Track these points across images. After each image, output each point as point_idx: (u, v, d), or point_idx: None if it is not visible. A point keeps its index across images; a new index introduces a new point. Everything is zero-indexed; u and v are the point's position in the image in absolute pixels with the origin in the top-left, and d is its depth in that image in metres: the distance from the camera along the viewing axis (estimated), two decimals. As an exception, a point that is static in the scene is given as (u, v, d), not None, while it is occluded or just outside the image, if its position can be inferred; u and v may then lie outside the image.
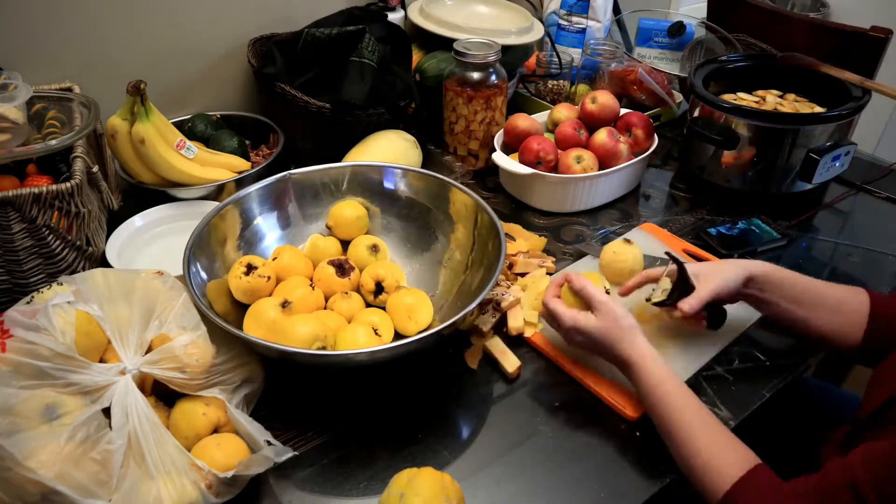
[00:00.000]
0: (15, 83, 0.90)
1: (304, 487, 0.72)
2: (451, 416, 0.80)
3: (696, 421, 0.69)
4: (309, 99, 1.11)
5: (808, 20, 1.38)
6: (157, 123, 1.01)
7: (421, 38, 1.34)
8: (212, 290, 0.84)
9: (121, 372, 0.67)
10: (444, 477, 0.65)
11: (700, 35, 1.48)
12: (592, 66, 1.41)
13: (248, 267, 0.85)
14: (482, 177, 1.25)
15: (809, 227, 1.14)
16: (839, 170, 1.15)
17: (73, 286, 0.71)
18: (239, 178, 1.08)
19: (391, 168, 1.01)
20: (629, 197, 1.21)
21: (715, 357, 0.87)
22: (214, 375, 0.73)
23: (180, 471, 0.64)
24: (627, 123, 1.21)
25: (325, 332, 0.77)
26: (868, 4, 2.13)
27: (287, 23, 1.28)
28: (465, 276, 0.92)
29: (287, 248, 0.93)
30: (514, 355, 0.85)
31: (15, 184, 0.92)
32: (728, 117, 1.13)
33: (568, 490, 0.72)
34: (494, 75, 1.17)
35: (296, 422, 0.78)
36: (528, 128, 1.19)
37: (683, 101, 1.46)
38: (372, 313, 0.86)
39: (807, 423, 1.01)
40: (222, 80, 1.28)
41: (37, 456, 0.60)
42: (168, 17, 1.16)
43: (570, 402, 0.81)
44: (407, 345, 0.73)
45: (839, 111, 1.09)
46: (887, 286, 1.01)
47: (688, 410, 0.70)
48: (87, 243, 0.92)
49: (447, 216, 0.97)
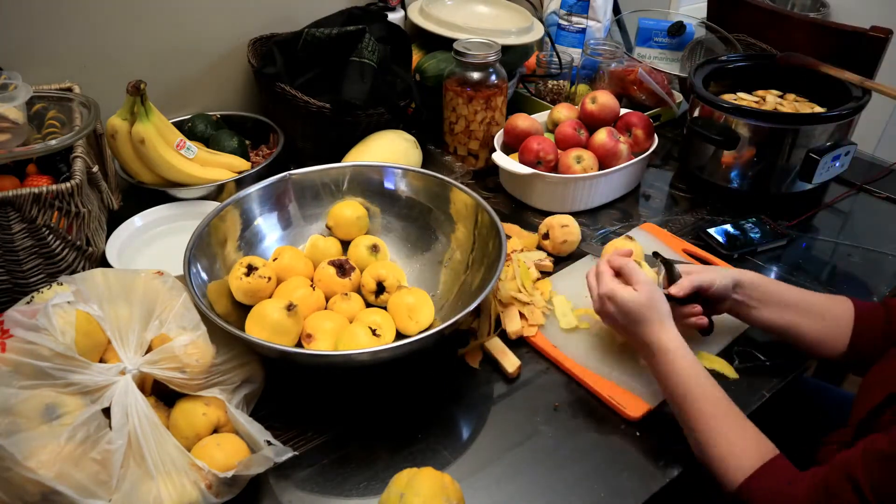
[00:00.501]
0: (15, 83, 0.90)
1: (304, 487, 0.72)
2: (451, 416, 0.80)
3: (718, 410, 0.70)
4: (309, 99, 1.11)
5: (808, 20, 1.38)
6: (157, 123, 1.01)
7: (421, 38, 1.34)
8: (212, 291, 0.84)
9: (121, 372, 0.67)
10: (444, 477, 0.65)
11: (700, 35, 1.48)
12: (592, 66, 1.41)
13: (248, 268, 0.85)
14: (482, 177, 1.25)
15: (809, 227, 1.14)
16: (839, 170, 1.15)
17: (73, 286, 0.71)
18: (239, 178, 1.08)
19: (391, 168, 1.01)
20: (629, 197, 1.21)
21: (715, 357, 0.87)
22: (214, 375, 0.73)
23: (180, 471, 0.64)
24: (627, 123, 1.21)
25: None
26: (868, 4, 2.13)
27: (287, 23, 1.28)
28: (466, 275, 0.92)
29: (287, 248, 0.93)
30: (513, 355, 0.85)
31: (15, 184, 0.92)
32: (728, 117, 1.13)
33: (568, 490, 0.72)
34: (494, 75, 1.17)
35: (296, 422, 0.78)
36: (528, 128, 1.19)
37: (683, 101, 1.46)
38: (373, 313, 0.86)
39: (806, 424, 1.00)
40: (222, 80, 1.28)
41: (37, 456, 0.60)
42: (168, 17, 1.16)
43: (570, 402, 0.81)
44: (408, 345, 0.73)
45: (839, 111, 1.09)
46: (887, 286, 1.01)
47: (709, 399, 0.71)
48: (87, 243, 0.92)
49: (447, 216, 0.97)
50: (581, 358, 0.85)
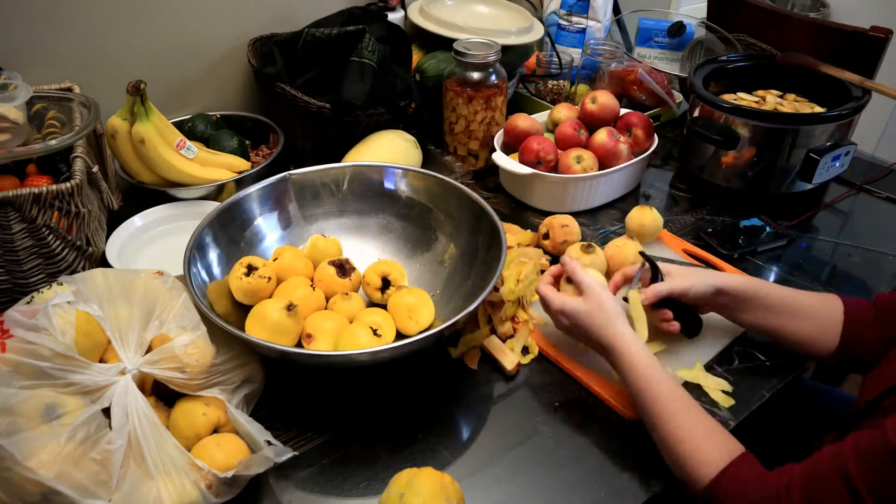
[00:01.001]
0: (15, 83, 0.90)
1: (304, 487, 0.72)
2: (451, 416, 0.80)
3: (680, 409, 0.69)
4: (309, 99, 1.11)
5: (809, 20, 1.38)
6: (157, 123, 1.01)
7: (421, 38, 1.34)
8: (213, 291, 0.84)
9: (121, 372, 0.67)
10: (444, 477, 0.65)
11: (700, 35, 1.48)
12: (592, 66, 1.41)
13: (248, 268, 0.85)
14: (482, 177, 1.25)
15: (809, 227, 1.14)
16: (839, 170, 1.15)
17: (73, 286, 0.71)
18: (239, 178, 1.08)
19: (391, 168, 1.01)
20: (629, 197, 1.21)
21: (715, 357, 0.87)
22: (214, 375, 0.73)
23: (180, 471, 0.64)
24: (627, 123, 1.21)
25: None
26: (868, 4, 2.13)
27: (287, 23, 1.28)
28: (466, 275, 0.92)
29: (287, 248, 0.93)
30: (512, 353, 0.85)
31: (15, 184, 0.92)
32: (728, 117, 1.13)
33: (568, 490, 0.72)
34: (494, 75, 1.17)
35: (296, 422, 0.78)
36: (528, 128, 1.19)
37: (683, 101, 1.46)
38: (373, 313, 0.86)
39: (805, 425, 1.01)
40: (222, 80, 1.28)
41: (37, 456, 0.60)
42: (168, 17, 1.16)
43: (570, 402, 0.81)
44: (408, 345, 0.73)
45: (839, 111, 1.09)
46: (887, 286, 1.01)
47: (671, 398, 0.70)
48: (87, 243, 0.92)
49: (447, 216, 0.97)
50: (580, 357, 0.85)
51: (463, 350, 0.87)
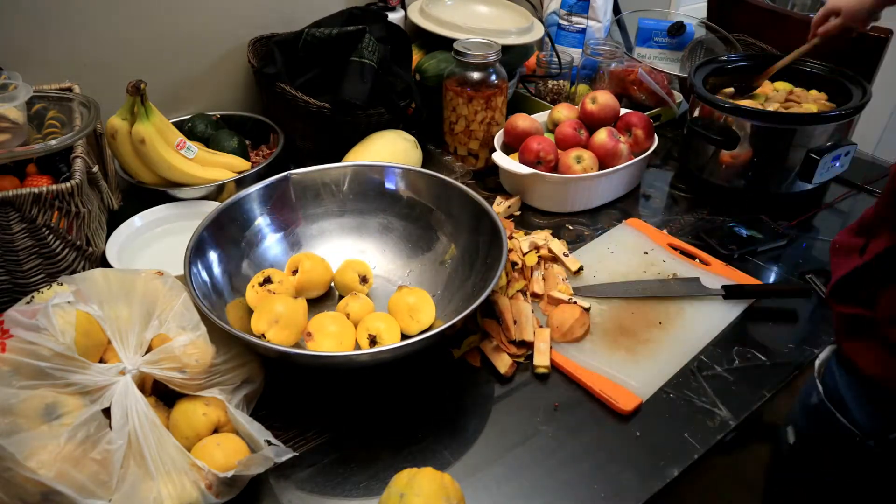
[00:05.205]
0: (15, 83, 0.90)
1: (304, 487, 0.72)
2: (451, 416, 0.80)
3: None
4: (309, 99, 1.11)
5: (808, 20, 1.38)
6: (157, 123, 1.01)
7: (421, 38, 1.34)
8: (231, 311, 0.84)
9: (121, 372, 0.67)
10: (444, 477, 0.65)
11: (700, 35, 1.48)
12: (592, 66, 1.41)
13: (265, 280, 0.86)
14: (482, 177, 1.25)
15: (809, 227, 1.14)
16: (839, 170, 1.15)
17: (73, 286, 0.71)
18: (239, 178, 1.08)
19: (391, 168, 1.01)
20: (629, 197, 1.21)
21: (715, 357, 0.87)
22: (214, 375, 0.73)
23: (180, 471, 0.64)
24: (627, 123, 1.21)
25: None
26: (868, 4, 2.13)
27: (287, 23, 1.28)
28: (467, 275, 0.92)
29: (306, 256, 0.92)
30: (507, 355, 0.85)
31: (15, 184, 0.92)
32: (728, 117, 1.13)
33: (568, 490, 0.72)
34: (494, 75, 1.17)
35: (296, 422, 0.78)
36: (528, 128, 1.19)
37: (683, 101, 1.46)
38: (377, 319, 0.85)
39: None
40: (222, 80, 1.28)
41: (37, 456, 0.60)
42: (168, 18, 1.16)
43: (570, 402, 0.81)
44: (409, 345, 0.73)
45: (839, 111, 1.09)
46: (887, 286, 1.01)
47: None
48: (87, 243, 0.92)
49: (448, 216, 0.97)
50: (580, 357, 0.85)
51: (465, 351, 0.87)
